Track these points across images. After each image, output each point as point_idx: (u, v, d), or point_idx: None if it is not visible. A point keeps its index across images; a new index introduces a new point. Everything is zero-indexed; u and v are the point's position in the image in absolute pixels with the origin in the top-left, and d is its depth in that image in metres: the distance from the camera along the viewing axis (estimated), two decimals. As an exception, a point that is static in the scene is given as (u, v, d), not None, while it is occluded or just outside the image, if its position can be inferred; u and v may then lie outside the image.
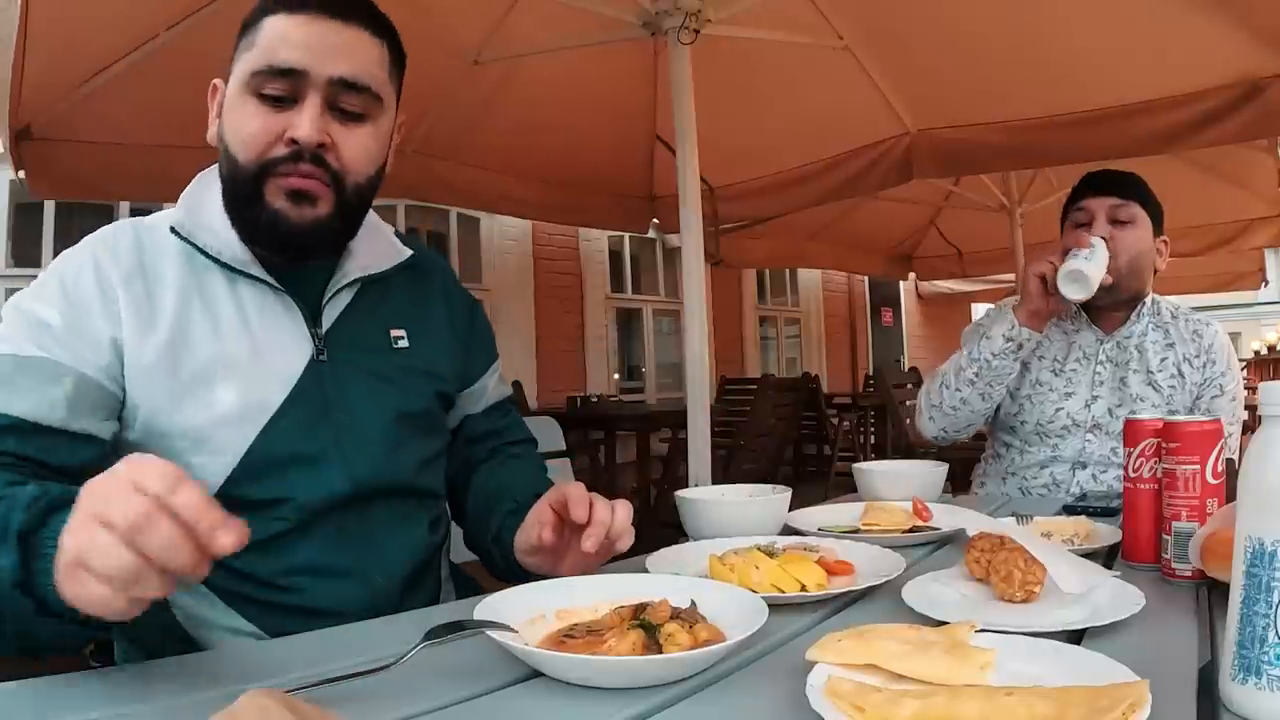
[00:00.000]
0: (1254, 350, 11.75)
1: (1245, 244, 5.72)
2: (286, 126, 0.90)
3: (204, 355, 0.93)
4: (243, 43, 0.94)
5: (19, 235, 4.63)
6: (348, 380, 0.99)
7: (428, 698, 0.65)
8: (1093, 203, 1.64)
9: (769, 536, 1.09)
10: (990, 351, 1.62)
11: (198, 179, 1.01)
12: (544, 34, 3.15)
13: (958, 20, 3.00)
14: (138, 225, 0.98)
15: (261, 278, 0.96)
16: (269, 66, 0.89)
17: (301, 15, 0.91)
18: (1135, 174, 1.68)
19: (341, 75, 0.91)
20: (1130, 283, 1.63)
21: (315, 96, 0.91)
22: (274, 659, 0.79)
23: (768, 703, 0.63)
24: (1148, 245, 1.64)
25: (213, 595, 0.94)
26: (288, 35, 0.90)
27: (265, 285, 0.97)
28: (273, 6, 0.92)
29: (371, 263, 1.04)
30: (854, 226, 6.20)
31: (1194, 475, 0.94)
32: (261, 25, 0.92)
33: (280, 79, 0.90)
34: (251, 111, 0.91)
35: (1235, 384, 1.65)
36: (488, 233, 6.48)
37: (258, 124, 0.90)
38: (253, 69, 0.90)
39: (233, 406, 0.92)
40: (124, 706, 0.64)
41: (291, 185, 0.91)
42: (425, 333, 1.09)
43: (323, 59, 0.90)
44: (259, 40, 0.91)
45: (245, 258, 0.96)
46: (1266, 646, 0.59)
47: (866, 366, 10.08)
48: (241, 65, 0.92)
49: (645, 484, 4.89)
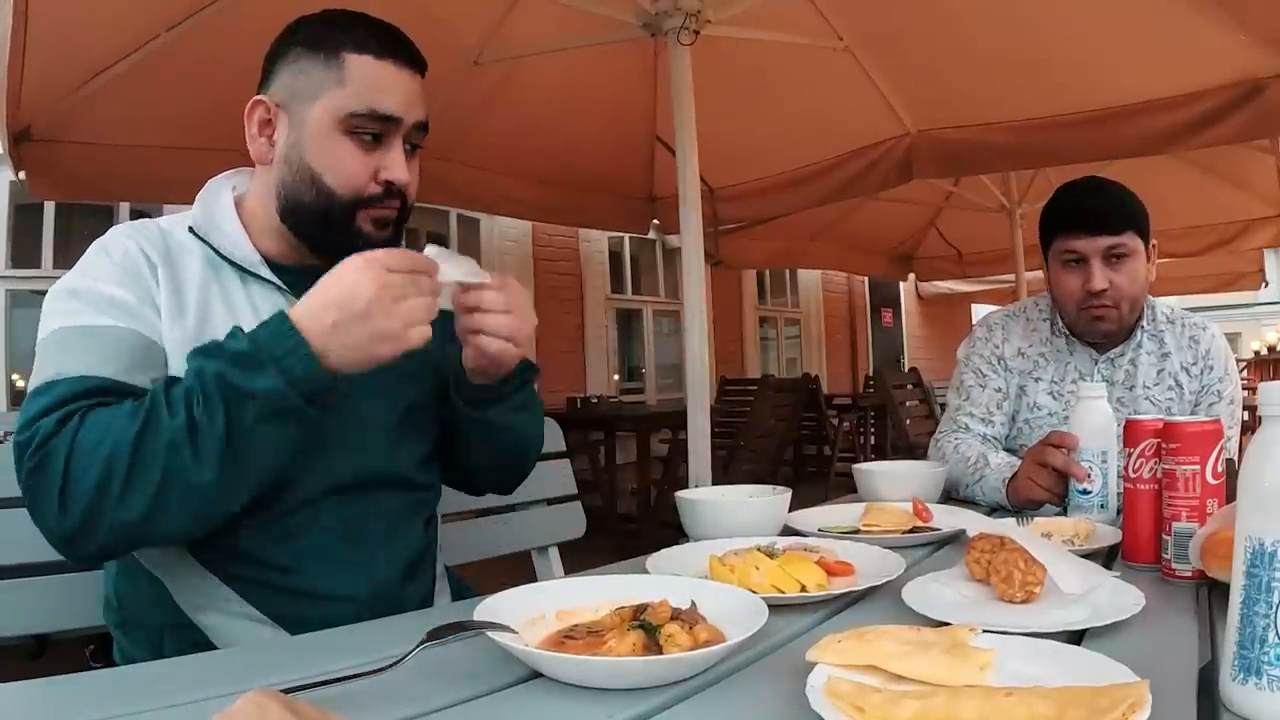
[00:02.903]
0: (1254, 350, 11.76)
1: (1245, 244, 5.72)
2: (379, 166, 0.99)
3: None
4: (316, 71, 0.97)
5: (19, 236, 4.62)
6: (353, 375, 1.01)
7: (428, 698, 0.65)
8: (1085, 245, 1.50)
9: (769, 537, 1.09)
10: (981, 491, 1.50)
11: (206, 188, 1.05)
12: (544, 34, 3.15)
13: (958, 21, 3.00)
14: (158, 223, 1.02)
15: (269, 278, 1.01)
16: (371, 111, 0.97)
17: (389, 62, 0.99)
18: (1117, 190, 1.54)
19: (419, 120, 1.02)
20: (1134, 313, 1.57)
21: (399, 139, 1.00)
22: (274, 659, 0.79)
23: (768, 703, 0.63)
24: (1144, 271, 1.54)
25: (214, 578, 0.96)
26: (384, 83, 0.98)
27: (273, 285, 1.01)
28: (354, 45, 0.98)
29: None
30: (854, 227, 6.20)
31: (1194, 476, 0.94)
32: (346, 62, 0.97)
33: (378, 123, 0.98)
34: (349, 150, 0.98)
35: (1233, 388, 1.62)
36: (488, 233, 6.48)
37: (357, 164, 0.98)
38: (351, 110, 0.97)
39: None
40: (124, 706, 0.64)
41: (381, 216, 1.01)
42: None
43: (410, 107, 1.00)
44: (350, 80, 0.97)
45: (255, 259, 1.01)
46: (1267, 646, 0.59)
47: (866, 367, 10.08)
48: (333, 102, 0.97)
49: (645, 484, 4.88)
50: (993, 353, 1.69)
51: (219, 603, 0.96)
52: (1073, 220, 1.53)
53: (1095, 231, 1.50)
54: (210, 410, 0.82)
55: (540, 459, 1.63)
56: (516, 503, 1.57)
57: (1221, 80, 2.87)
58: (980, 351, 1.71)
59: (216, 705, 0.50)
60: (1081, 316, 1.56)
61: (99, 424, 0.83)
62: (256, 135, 1.01)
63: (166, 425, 0.81)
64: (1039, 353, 1.66)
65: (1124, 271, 1.51)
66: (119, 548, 0.88)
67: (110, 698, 0.66)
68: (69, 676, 0.71)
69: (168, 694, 0.67)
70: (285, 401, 0.83)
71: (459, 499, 1.37)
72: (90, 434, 0.82)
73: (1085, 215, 1.52)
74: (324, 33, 0.99)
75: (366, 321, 0.84)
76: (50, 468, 0.82)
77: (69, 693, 0.69)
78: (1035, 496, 1.34)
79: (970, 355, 1.72)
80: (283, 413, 0.84)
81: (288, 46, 1.01)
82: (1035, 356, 1.66)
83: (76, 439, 0.82)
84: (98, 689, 0.70)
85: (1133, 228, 1.50)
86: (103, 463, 0.81)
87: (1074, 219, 1.53)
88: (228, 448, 0.82)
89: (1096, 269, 1.50)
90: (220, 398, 0.82)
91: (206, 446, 0.82)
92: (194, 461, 0.82)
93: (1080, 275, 1.52)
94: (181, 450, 0.81)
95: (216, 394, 0.82)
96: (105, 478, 0.81)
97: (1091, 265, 1.51)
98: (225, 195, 1.04)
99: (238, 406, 0.82)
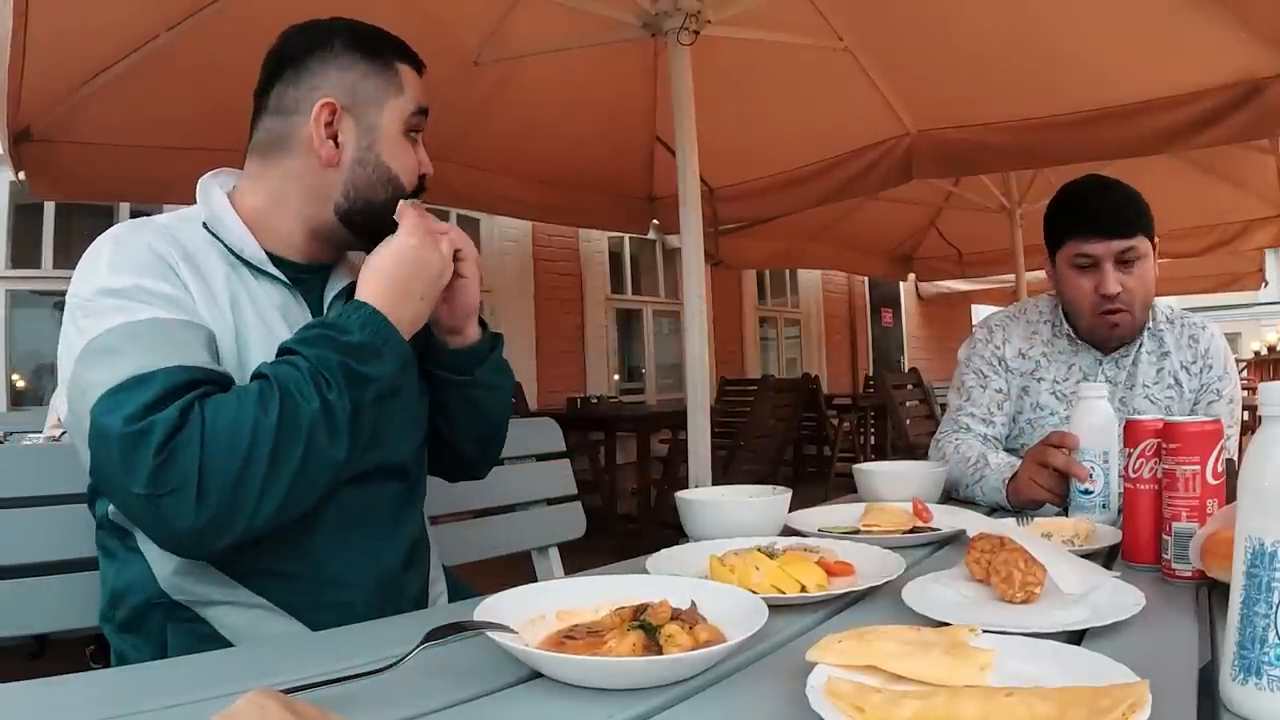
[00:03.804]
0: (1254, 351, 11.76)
1: (1245, 244, 5.72)
2: (420, 161, 1.11)
3: (255, 339, 0.99)
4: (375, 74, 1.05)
5: (19, 236, 4.62)
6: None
7: (428, 698, 0.65)
8: (1098, 248, 1.48)
9: (769, 537, 1.09)
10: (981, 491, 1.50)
11: (202, 189, 1.05)
12: (543, 35, 3.15)
13: (958, 21, 3.00)
14: (156, 220, 1.02)
15: (276, 275, 1.03)
16: (423, 110, 1.09)
17: (416, 70, 1.11)
18: (1124, 190, 1.52)
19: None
20: (1144, 318, 1.56)
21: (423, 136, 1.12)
22: (274, 659, 0.79)
23: (768, 703, 0.63)
24: (1153, 271, 1.52)
25: (224, 573, 0.96)
26: (420, 87, 1.10)
27: (279, 282, 1.03)
28: (400, 56, 1.09)
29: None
30: (854, 227, 6.20)
31: (1194, 476, 0.94)
32: (401, 72, 1.07)
33: (423, 119, 1.10)
34: (409, 150, 1.09)
35: (1232, 387, 1.62)
36: (488, 234, 6.48)
37: (414, 162, 1.10)
38: (411, 112, 1.08)
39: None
40: (124, 706, 0.64)
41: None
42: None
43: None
44: (406, 88, 1.07)
45: (262, 256, 1.02)
46: (1267, 647, 0.59)
47: (866, 367, 10.08)
48: (399, 107, 1.06)
49: (645, 484, 4.88)
50: (993, 354, 1.69)
51: (229, 594, 0.96)
52: (1085, 223, 1.50)
53: (1109, 235, 1.48)
54: (341, 394, 0.89)
55: (540, 459, 1.64)
56: (516, 503, 1.57)
57: (1221, 80, 2.87)
58: (981, 353, 1.71)
59: (216, 705, 0.50)
60: (1096, 321, 1.55)
61: (226, 412, 0.84)
62: (325, 138, 1.03)
63: (304, 410, 0.87)
64: (1041, 353, 1.66)
65: (1135, 274, 1.50)
66: (252, 535, 0.87)
67: (110, 698, 0.66)
68: (69, 676, 0.71)
69: (168, 694, 0.67)
70: (396, 382, 0.95)
71: (459, 499, 1.37)
72: (221, 422, 0.83)
73: (1099, 218, 1.49)
74: (371, 40, 1.07)
75: (442, 277, 1.01)
76: (182, 461, 0.81)
77: (69, 693, 0.69)
78: (1036, 496, 1.34)
79: (971, 356, 1.72)
80: (393, 392, 0.96)
81: (327, 46, 1.04)
82: (1037, 357, 1.66)
83: (206, 429, 0.82)
84: (98, 689, 0.70)
85: (1143, 231, 1.49)
86: (244, 450, 0.83)
87: (1087, 222, 1.50)
88: (354, 424, 0.90)
89: (1109, 272, 1.48)
90: (346, 383, 0.90)
91: (339, 426, 0.89)
92: (330, 441, 0.88)
93: (1092, 279, 1.51)
94: (319, 431, 0.87)
95: (342, 379, 0.89)
96: (246, 464, 0.83)
97: (1104, 268, 1.49)
98: (221, 194, 1.05)
99: (359, 389, 0.91)
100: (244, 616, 0.96)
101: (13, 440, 2.83)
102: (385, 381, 0.93)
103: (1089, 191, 1.55)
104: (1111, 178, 1.57)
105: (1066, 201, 1.56)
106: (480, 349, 1.14)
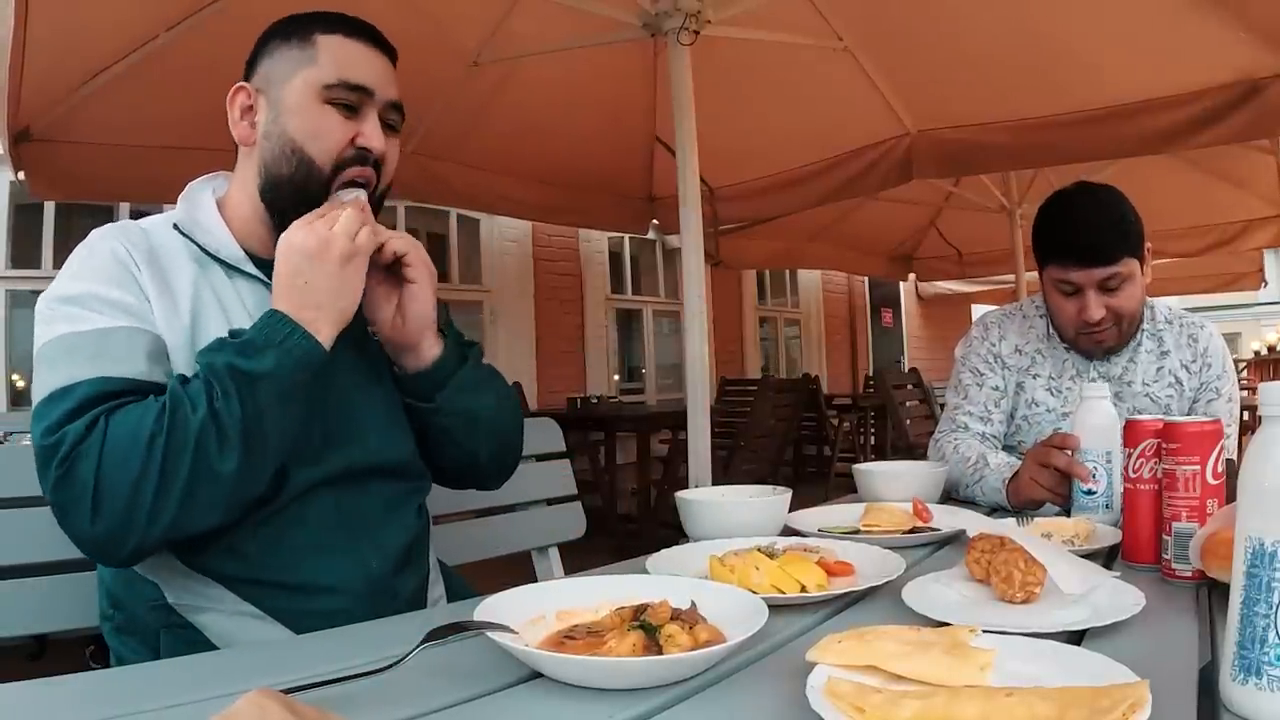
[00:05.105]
0: (1254, 350, 11.76)
1: (1245, 244, 5.72)
2: (356, 133, 1.03)
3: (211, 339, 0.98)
4: (289, 52, 1.03)
5: (19, 236, 4.62)
6: (339, 367, 1.04)
7: (428, 698, 0.65)
8: (1080, 276, 1.47)
9: (769, 537, 1.09)
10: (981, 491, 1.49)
11: (188, 190, 1.08)
12: (543, 35, 3.15)
13: (958, 21, 3.00)
14: (139, 225, 1.04)
15: (254, 274, 1.03)
16: (342, 81, 1.02)
17: (359, 42, 1.05)
18: (1110, 209, 1.48)
19: (393, 99, 1.07)
20: (1131, 330, 1.56)
21: (374, 113, 1.04)
22: (274, 659, 0.79)
23: (768, 704, 0.63)
24: (1141, 286, 1.51)
25: (209, 578, 0.96)
26: (355, 57, 1.04)
27: (258, 280, 1.03)
28: (324, 27, 1.04)
29: None
30: (854, 227, 6.20)
31: (1194, 476, 0.94)
32: (317, 42, 1.03)
33: (352, 93, 1.02)
34: (330, 117, 1.02)
35: (1231, 385, 1.62)
36: (488, 234, 6.48)
37: (338, 130, 1.02)
38: (325, 82, 1.02)
39: None
40: (124, 706, 0.64)
41: (355, 176, 1.04)
42: None
43: (382, 84, 1.05)
44: (322, 56, 1.02)
45: (240, 255, 1.03)
46: (1267, 647, 0.59)
47: (866, 367, 10.08)
48: (308, 76, 1.02)
49: (645, 484, 4.88)
50: (989, 351, 1.69)
51: (216, 602, 0.96)
52: (1066, 252, 1.49)
53: (1091, 264, 1.46)
54: (228, 399, 0.86)
55: (540, 459, 1.64)
56: (516, 503, 1.57)
57: (1221, 80, 2.87)
58: (977, 350, 1.71)
59: (216, 705, 0.50)
60: (1080, 340, 1.56)
61: (127, 425, 0.84)
62: (239, 120, 1.05)
63: (191, 420, 0.85)
64: (1035, 350, 1.66)
65: (1121, 296, 1.49)
66: (150, 548, 0.88)
67: (110, 698, 0.66)
68: (69, 676, 0.71)
69: (167, 694, 0.67)
70: (292, 378, 0.89)
71: (458, 499, 1.37)
72: (119, 436, 0.84)
73: (1080, 246, 1.47)
74: (295, 22, 1.05)
75: (323, 255, 0.92)
76: (80, 473, 0.82)
77: (69, 693, 0.69)
78: (1037, 496, 1.34)
79: (968, 354, 1.73)
80: (291, 390, 0.90)
81: (264, 42, 1.06)
82: (1032, 354, 1.66)
83: (106, 442, 0.83)
84: (98, 689, 0.70)
85: (1127, 253, 1.46)
86: (137, 464, 0.83)
87: (1067, 251, 1.48)
88: (247, 433, 0.87)
89: (1092, 299, 1.48)
90: (234, 386, 0.86)
91: (229, 435, 0.86)
92: (219, 452, 0.85)
93: (1075, 303, 1.51)
94: (208, 443, 0.85)
95: (230, 383, 0.86)
96: (139, 478, 0.83)
97: (1087, 296, 1.48)
98: (206, 195, 1.07)
99: (249, 389, 0.87)
100: (232, 624, 0.96)
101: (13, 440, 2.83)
102: (280, 379, 0.89)
103: (1072, 212, 1.52)
104: (1101, 188, 1.54)
105: (1050, 221, 1.53)
106: (440, 369, 1.06)
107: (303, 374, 0.91)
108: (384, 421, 1.08)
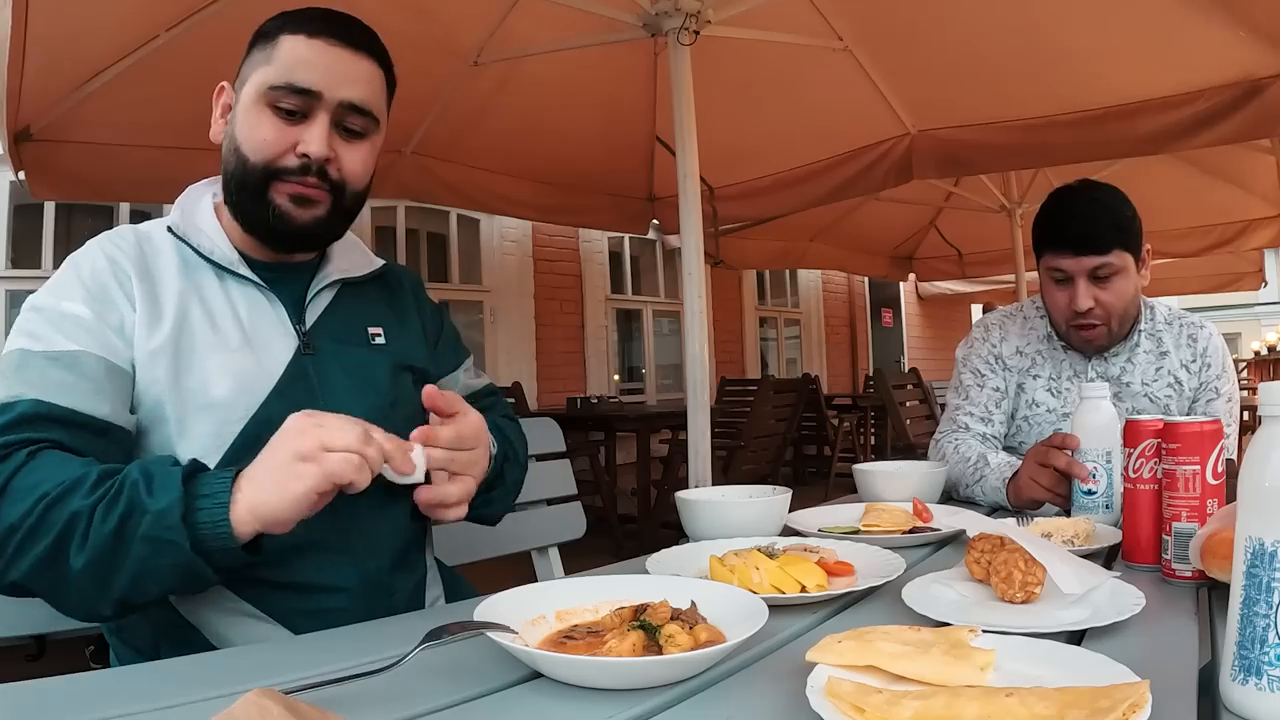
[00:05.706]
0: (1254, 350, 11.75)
1: (1245, 244, 5.71)
2: (298, 140, 0.99)
3: (201, 345, 0.98)
4: (258, 53, 1.02)
5: (19, 236, 4.63)
6: (332, 371, 1.05)
7: (428, 698, 0.65)
8: (1071, 264, 1.50)
9: (769, 537, 1.09)
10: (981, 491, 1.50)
11: (186, 193, 1.08)
12: (543, 35, 3.15)
13: (958, 20, 3.00)
14: (135, 229, 1.04)
15: (249, 277, 1.03)
16: (287, 84, 0.98)
17: (319, 41, 1.00)
18: (1107, 203, 1.51)
19: (350, 99, 1.01)
20: (1124, 326, 1.57)
21: (325, 116, 1.00)
22: (274, 659, 0.79)
23: (768, 704, 0.63)
24: (1134, 284, 1.53)
25: None
26: (306, 58, 0.99)
27: (252, 284, 1.03)
28: (291, 27, 1.01)
29: (349, 267, 1.13)
30: (854, 227, 6.20)
31: (1194, 476, 0.94)
32: (279, 42, 1.00)
33: (296, 96, 0.99)
34: (267, 120, 0.99)
35: (1230, 385, 1.62)
36: (488, 234, 6.49)
37: (272, 134, 0.99)
38: (270, 83, 0.99)
39: (226, 394, 0.97)
40: (124, 706, 0.64)
41: (295, 191, 1.01)
42: (401, 333, 1.16)
43: (336, 83, 1.00)
44: (277, 57, 1.00)
45: (234, 258, 1.03)
46: (1267, 647, 0.59)
47: (866, 367, 10.08)
48: (258, 77, 1.00)
49: (645, 484, 4.88)
50: (990, 352, 1.70)
51: (214, 601, 0.96)
52: (1059, 239, 1.51)
53: (1081, 252, 1.48)
54: (112, 505, 0.79)
55: (540, 459, 1.64)
56: (516, 503, 1.57)
57: (1221, 80, 2.87)
58: (978, 351, 1.71)
59: (216, 705, 0.50)
60: (1070, 332, 1.58)
61: (38, 472, 0.81)
62: (218, 118, 1.05)
63: (76, 503, 0.79)
64: (1036, 350, 1.67)
65: (1111, 289, 1.50)
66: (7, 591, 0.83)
67: (110, 698, 0.66)
68: (69, 676, 0.71)
69: (167, 694, 0.67)
70: (174, 532, 0.77)
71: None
72: (27, 479, 0.81)
73: (1072, 234, 1.49)
74: (274, 20, 1.03)
75: (285, 440, 0.81)
76: None
77: (69, 693, 0.69)
78: (1037, 496, 1.34)
79: (968, 355, 1.73)
80: (168, 542, 0.78)
81: (250, 41, 1.05)
82: (1033, 354, 1.67)
83: (15, 477, 0.81)
84: (97, 689, 0.70)
85: (1120, 245, 1.48)
86: (19, 513, 0.79)
87: (1061, 237, 1.51)
88: (106, 548, 0.78)
89: (1082, 288, 1.50)
90: (126, 499, 0.79)
91: (93, 537, 0.78)
92: (77, 547, 0.78)
93: (1067, 293, 1.53)
94: (75, 531, 0.79)
95: (125, 494, 0.79)
96: (13, 528, 0.79)
97: (1077, 284, 1.50)
98: (205, 199, 1.07)
99: (134, 513, 0.78)
100: (230, 623, 0.96)
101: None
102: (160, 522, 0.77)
103: (1070, 203, 1.54)
104: (1102, 185, 1.56)
105: (1047, 213, 1.56)
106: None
107: (183, 532, 0.77)
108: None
